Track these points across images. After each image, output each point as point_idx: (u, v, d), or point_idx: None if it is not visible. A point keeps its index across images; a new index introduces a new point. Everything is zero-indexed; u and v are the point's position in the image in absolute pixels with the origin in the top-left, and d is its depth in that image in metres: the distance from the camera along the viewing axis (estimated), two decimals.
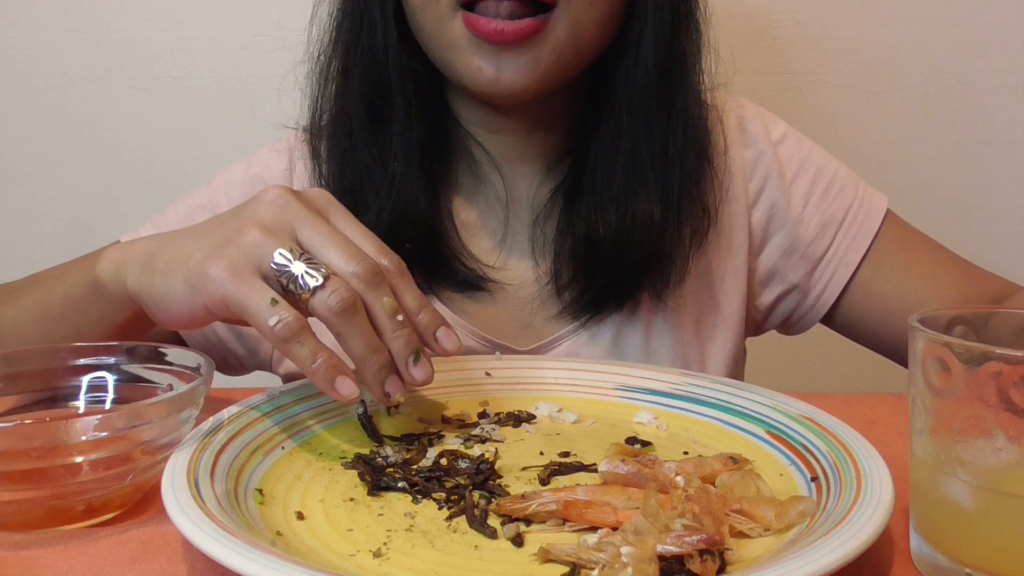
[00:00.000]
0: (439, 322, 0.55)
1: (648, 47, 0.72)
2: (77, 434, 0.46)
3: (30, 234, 1.26)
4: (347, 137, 0.75)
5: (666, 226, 0.73)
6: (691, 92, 0.74)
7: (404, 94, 0.74)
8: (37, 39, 1.21)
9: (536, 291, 0.77)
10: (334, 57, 0.76)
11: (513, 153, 0.79)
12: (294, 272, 0.51)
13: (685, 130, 0.74)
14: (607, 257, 0.73)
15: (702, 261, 0.78)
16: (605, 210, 0.73)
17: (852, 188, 0.82)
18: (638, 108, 0.73)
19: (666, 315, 0.77)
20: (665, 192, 0.73)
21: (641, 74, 0.72)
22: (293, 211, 0.53)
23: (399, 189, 0.73)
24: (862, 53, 1.21)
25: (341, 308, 0.50)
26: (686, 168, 0.74)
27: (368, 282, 0.52)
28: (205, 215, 0.79)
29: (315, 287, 0.50)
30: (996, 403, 0.38)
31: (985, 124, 1.23)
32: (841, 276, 0.80)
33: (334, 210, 0.56)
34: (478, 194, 0.80)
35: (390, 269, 0.54)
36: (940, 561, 0.42)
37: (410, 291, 0.55)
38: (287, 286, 0.51)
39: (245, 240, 0.52)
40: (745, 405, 0.59)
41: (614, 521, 0.45)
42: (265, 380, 0.81)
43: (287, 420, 0.57)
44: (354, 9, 0.75)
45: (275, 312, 0.50)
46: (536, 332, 0.77)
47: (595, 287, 0.75)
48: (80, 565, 0.44)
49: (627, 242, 0.73)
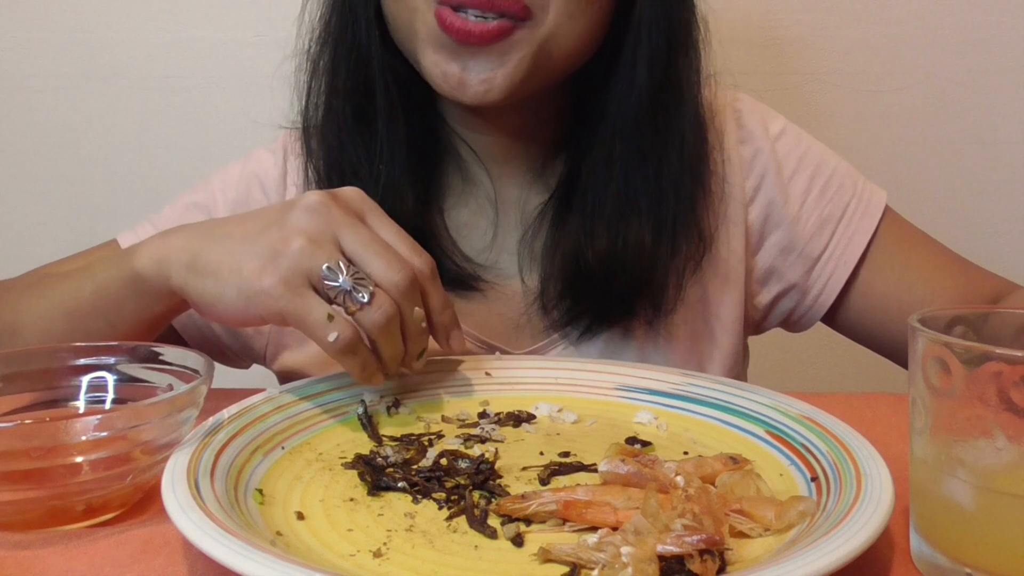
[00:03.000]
0: (455, 324, 0.61)
1: (643, 72, 0.70)
2: (77, 434, 0.46)
3: (30, 234, 1.26)
4: (335, 136, 0.76)
5: (658, 253, 0.72)
6: (687, 118, 0.73)
7: (388, 94, 0.74)
8: (37, 39, 1.21)
9: (524, 307, 0.77)
10: (322, 54, 0.76)
11: (499, 153, 0.78)
12: (344, 287, 0.54)
13: (680, 156, 0.72)
14: (595, 282, 0.72)
15: (697, 289, 0.77)
16: (595, 235, 0.72)
17: (851, 185, 0.81)
18: (631, 135, 0.72)
19: (659, 343, 0.76)
20: (658, 218, 0.72)
21: (634, 101, 0.71)
22: (335, 218, 0.56)
23: (385, 189, 0.74)
24: (862, 53, 1.21)
25: (385, 324, 0.55)
26: (681, 194, 0.72)
27: (405, 292, 0.56)
28: (201, 213, 0.80)
29: (363, 303, 0.54)
30: (996, 403, 0.38)
31: (985, 124, 1.23)
32: (840, 275, 0.79)
33: (369, 210, 0.59)
34: (468, 194, 0.79)
35: (423, 271, 0.58)
36: (940, 561, 0.42)
37: (437, 292, 0.60)
38: (335, 299, 0.55)
39: (293, 251, 0.54)
40: (745, 405, 0.59)
41: (614, 521, 0.45)
42: (265, 380, 0.81)
43: (287, 420, 0.57)
44: (340, 6, 0.75)
45: (333, 328, 0.54)
46: (528, 333, 0.77)
47: (583, 309, 0.74)
48: (80, 565, 0.44)
49: (617, 268, 0.72)
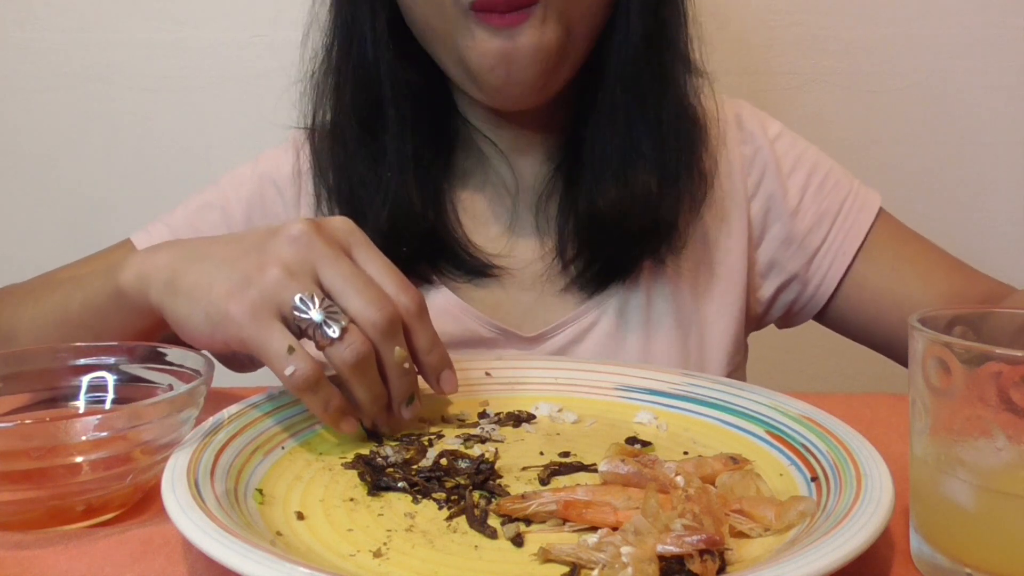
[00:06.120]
0: (445, 364, 0.58)
1: (636, 22, 0.73)
2: (77, 434, 0.46)
3: (30, 234, 1.26)
4: (342, 150, 0.77)
5: (664, 195, 0.75)
6: (678, 60, 0.76)
7: (398, 106, 0.76)
8: (37, 39, 1.21)
9: (542, 269, 0.79)
10: (329, 73, 0.78)
11: (521, 145, 0.81)
12: (314, 320, 0.52)
13: (676, 101, 0.76)
14: (609, 229, 0.75)
15: (699, 227, 0.80)
16: (604, 184, 0.75)
17: (847, 183, 0.84)
18: (630, 82, 0.75)
19: (665, 280, 0.80)
20: (661, 162, 0.75)
21: (631, 49, 0.74)
22: (316, 250, 0.54)
23: (394, 196, 0.75)
24: (862, 53, 1.21)
25: (355, 362, 0.52)
26: (680, 137, 0.76)
27: (384, 331, 0.53)
28: (214, 213, 0.81)
29: (333, 338, 0.52)
30: (996, 403, 0.38)
31: (984, 124, 1.23)
32: (838, 266, 0.82)
33: (356, 243, 0.56)
34: (486, 183, 0.82)
35: (409, 308, 0.55)
36: (940, 561, 0.42)
37: (424, 331, 0.56)
38: (305, 330, 0.52)
39: (266, 280, 0.52)
40: (745, 405, 0.59)
41: (614, 521, 0.45)
42: (266, 379, 0.81)
43: (287, 420, 0.57)
44: (345, 29, 0.77)
45: (291, 362, 0.51)
46: (542, 316, 0.79)
47: (600, 260, 0.77)
48: (80, 565, 0.44)
49: (627, 213, 0.75)
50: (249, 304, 0.52)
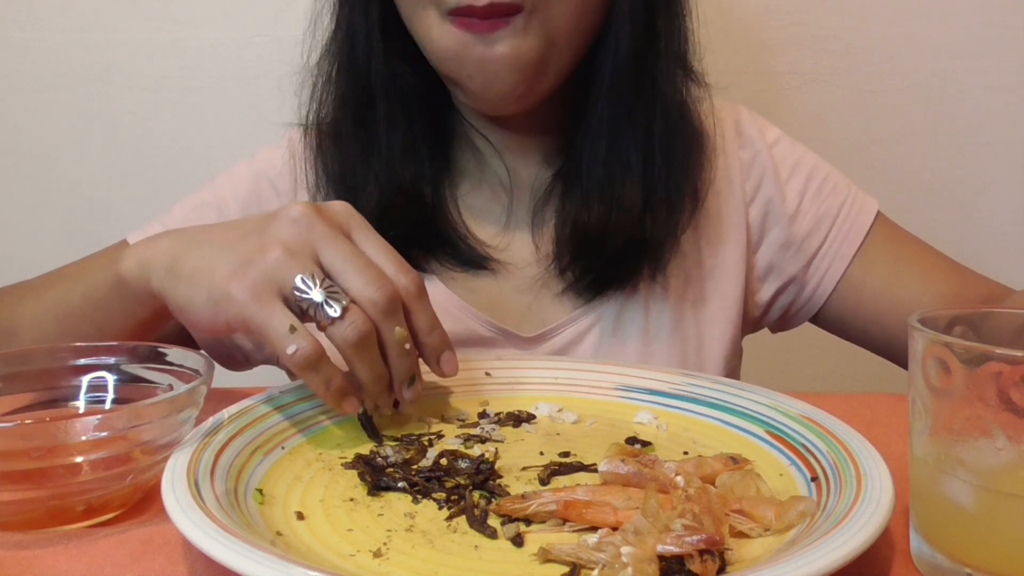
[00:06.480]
0: (445, 346, 0.58)
1: (624, 32, 0.73)
2: (77, 434, 0.46)
3: (30, 234, 1.26)
4: (336, 143, 0.78)
5: (650, 210, 0.75)
6: (672, 74, 0.76)
7: (388, 101, 0.76)
8: (37, 39, 1.21)
9: (540, 272, 0.79)
10: (325, 66, 0.79)
11: (515, 145, 0.81)
12: (315, 300, 0.52)
13: (666, 113, 0.75)
14: (594, 244, 0.75)
15: (697, 234, 0.80)
16: (591, 198, 0.75)
17: (845, 188, 0.84)
18: (617, 92, 0.74)
19: (662, 288, 0.79)
20: (649, 178, 0.75)
21: (619, 59, 0.73)
22: (316, 231, 0.54)
23: (384, 186, 0.76)
24: (862, 53, 1.21)
25: (356, 341, 0.53)
26: (671, 153, 0.75)
27: (384, 310, 0.53)
28: (211, 212, 0.81)
29: (334, 317, 0.52)
30: (996, 403, 0.38)
31: (984, 124, 1.23)
32: (836, 269, 0.82)
33: (355, 225, 0.57)
34: (483, 181, 0.82)
35: (409, 289, 0.55)
36: (940, 561, 0.42)
37: (424, 312, 0.57)
38: (307, 311, 0.52)
39: (267, 261, 0.53)
40: (745, 405, 0.59)
41: (614, 521, 0.45)
42: (266, 379, 0.81)
43: (287, 420, 0.57)
44: (344, 24, 0.77)
45: (293, 340, 0.51)
46: (540, 317, 0.79)
47: (594, 270, 0.77)
48: (80, 565, 0.44)
49: (611, 230, 0.74)
50: (251, 284, 0.52)
